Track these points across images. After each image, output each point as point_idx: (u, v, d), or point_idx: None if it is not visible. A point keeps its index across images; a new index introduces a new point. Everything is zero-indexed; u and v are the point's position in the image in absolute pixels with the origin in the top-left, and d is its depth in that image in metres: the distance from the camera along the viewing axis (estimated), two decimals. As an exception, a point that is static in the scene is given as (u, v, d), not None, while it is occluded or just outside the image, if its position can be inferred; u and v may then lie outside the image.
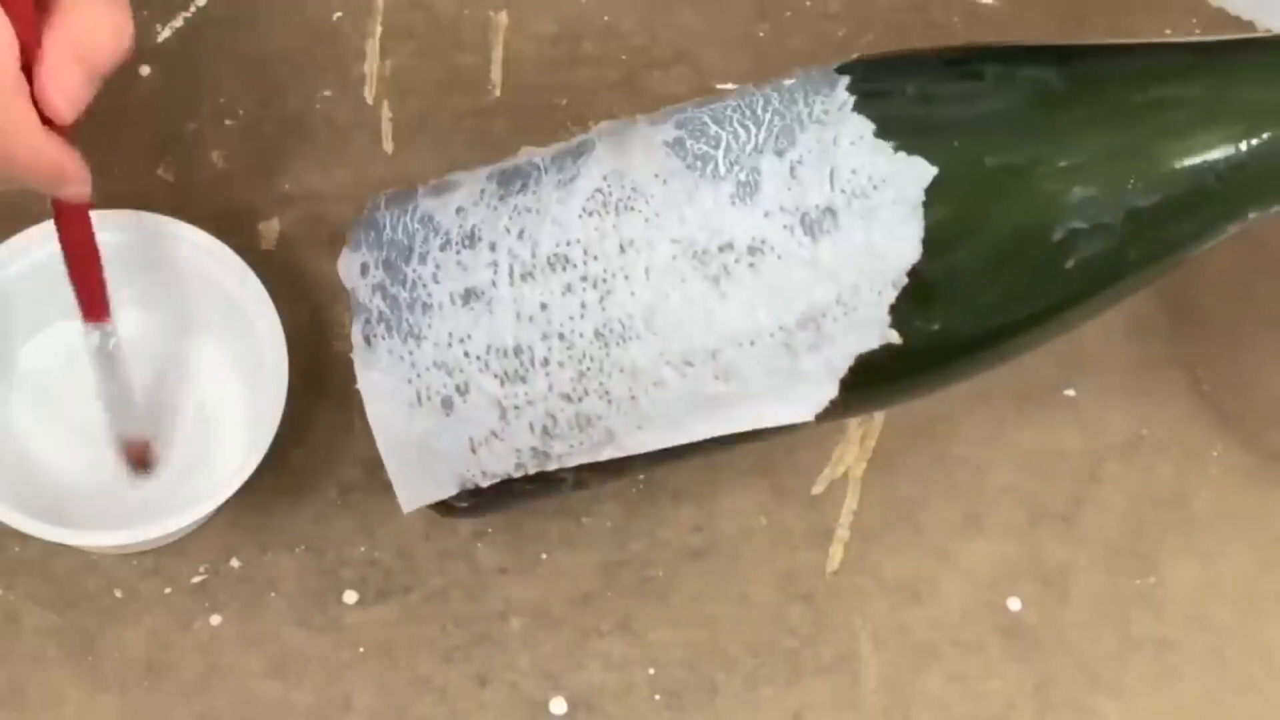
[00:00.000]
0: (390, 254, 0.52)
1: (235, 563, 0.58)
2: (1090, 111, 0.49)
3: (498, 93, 0.65)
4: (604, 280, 0.50)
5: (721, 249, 0.49)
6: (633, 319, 0.50)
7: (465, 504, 0.54)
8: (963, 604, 0.60)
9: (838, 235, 0.49)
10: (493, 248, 0.51)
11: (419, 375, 0.52)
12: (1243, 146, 0.48)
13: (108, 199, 0.60)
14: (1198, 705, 0.59)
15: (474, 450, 0.52)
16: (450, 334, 0.51)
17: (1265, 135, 0.48)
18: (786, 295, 0.49)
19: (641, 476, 0.60)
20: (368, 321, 0.52)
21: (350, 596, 0.58)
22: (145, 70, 0.64)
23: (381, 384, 0.52)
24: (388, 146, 0.64)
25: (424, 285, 0.51)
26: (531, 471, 0.52)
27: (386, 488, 0.59)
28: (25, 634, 0.57)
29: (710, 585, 0.59)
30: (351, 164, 0.63)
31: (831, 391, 0.50)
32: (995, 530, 0.61)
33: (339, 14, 0.65)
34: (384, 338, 0.52)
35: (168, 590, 0.57)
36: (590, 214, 0.50)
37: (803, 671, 0.58)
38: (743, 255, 0.49)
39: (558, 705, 0.57)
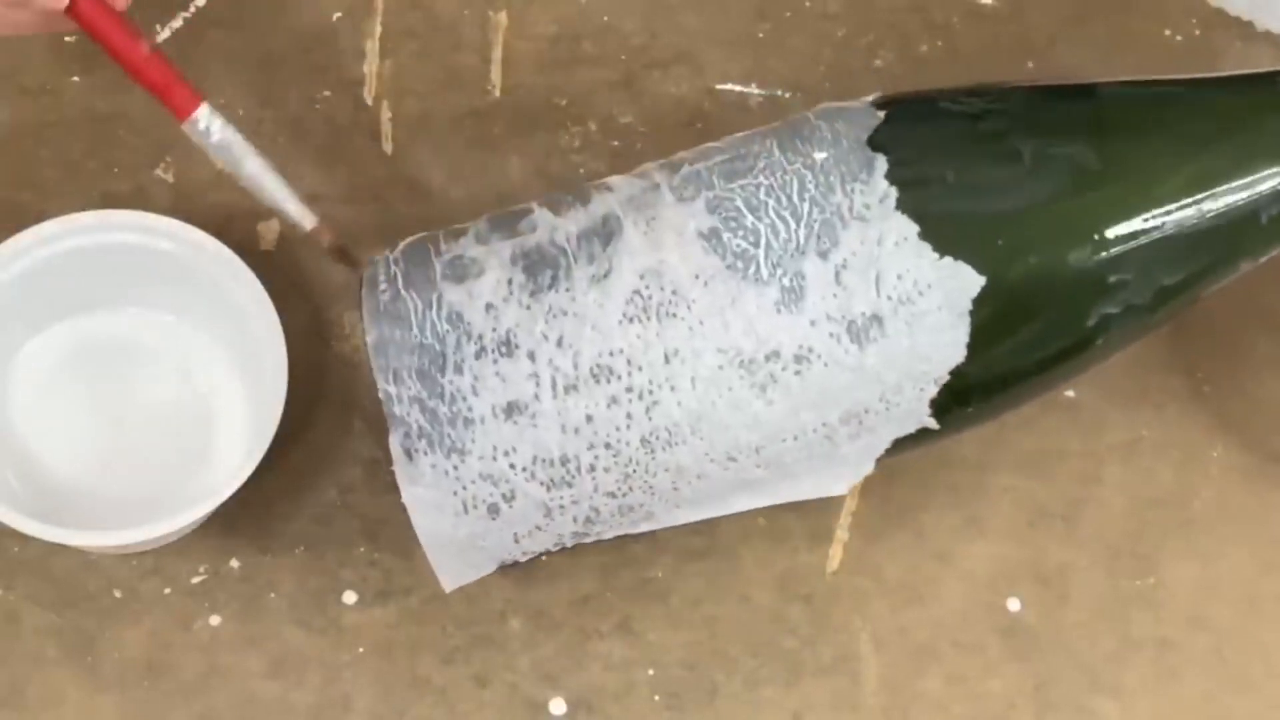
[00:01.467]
0: (423, 362, 0.51)
1: (235, 563, 0.58)
2: (1125, 193, 0.50)
3: (497, 93, 0.65)
4: (650, 391, 0.50)
5: (768, 358, 0.50)
6: (679, 426, 0.51)
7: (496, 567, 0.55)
8: (962, 605, 0.60)
9: (884, 342, 0.50)
10: (532, 357, 0.51)
11: (464, 488, 0.52)
12: (1263, 220, 0.50)
13: (108, 199, 0.60)
14: (1198, 705, 0.59)
15: (517, 541, 0.53)
16: (495, 447, 0.51)
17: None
18: (831, 397, 0.50)
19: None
20: (407, 435, 0.51)
21: (350, 597, 0.58)
22: (145, 70, 0.64)
23: (426, 498, 0.52)
24: (387, 147, 0.64)
25: (463, 399, 0.51)
26: (569, 545, 0.54)
27: (387, 488, 0.59)
28: (25, 634, 0.57)
29: (710, 586, 0.59)
30: (351, 164, 0.63)
31: (868, 469, 0.52)
32: (995, 531, 0.61)
33: (339, 14, 0.65)
34: (426, 453, 0.52)
35: (167, 590, 0.57)
36: (631, 320, 0.50)
37: (803, 672, 0.58)
38: (789, 364, 0.50)
39: (557, 706, 0.57)
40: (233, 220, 0.61)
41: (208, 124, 0.54)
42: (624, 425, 0.50)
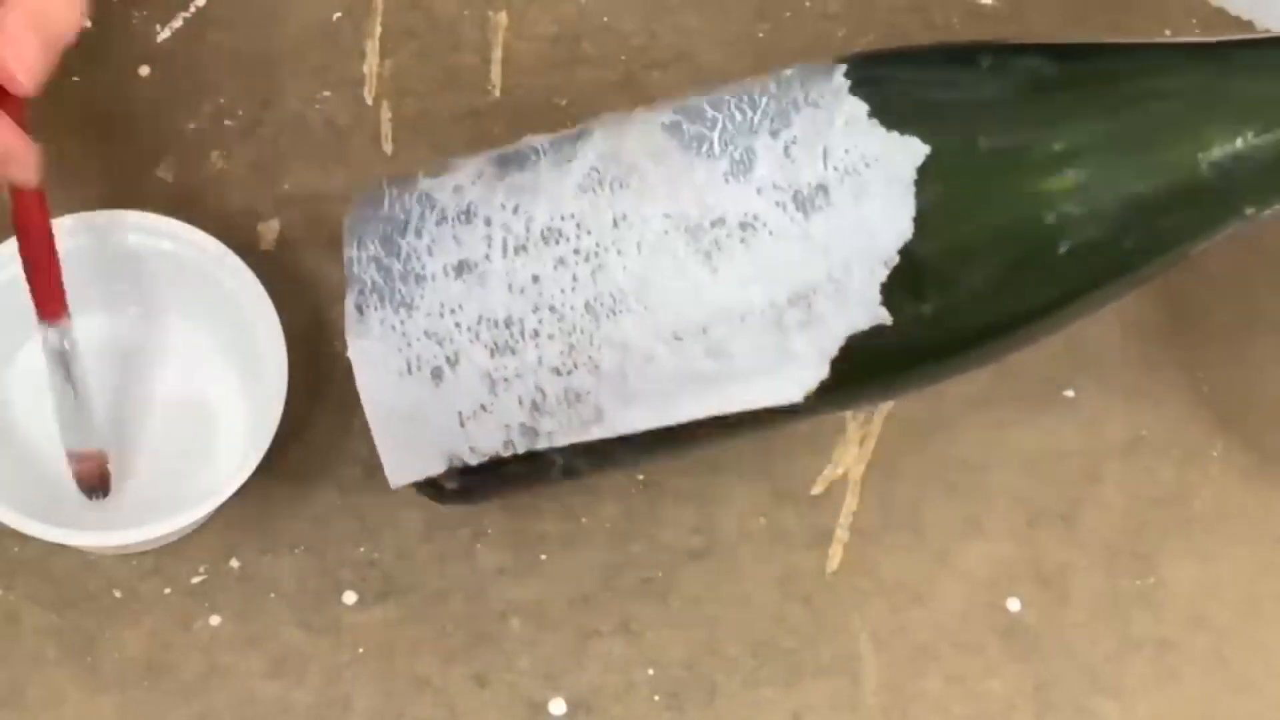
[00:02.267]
0: (387, 229, 0.53)
1: (235, 563, 0.58)
2: (1085, 98, 0.49)
3: (497, 93, 0.65)
4: (596, 254, 0.50)
5: (714, 224, 0.50)
6: (624, 292, 0.50)
7: (454, 484, 0.54)
8: (962, 605, 0.60)
9: (830, 211, 0.49)
10: (488, 222, 0.51)
11: (409, 345, 0.52)
12: (1239, 142, 0.48)
13: (108, 199, 0.60)
14: (1197, 705, 0.59)
15: (463, 424, 0.52)
16: (442, 304, 0.51)
17: (1261, 131, 0.48)
18: (778, 270, 0.50)
19: (641, 476, 0.60)
20: (361, 292, 0.52)
21: (350, 597, 0.58)
22: (145, 70, 0.64)
23: (372, 352, 0.52)
24: (387, 147, 0.64)
25: (418, 257, 0.52)
26: (520, 450, 0.52)
27: (387, 488, 0.59)
28: (25, 634, 0.57)
29: (710, 586, 0.59)
30: (351, 164, 0.63)
31: (821, 372, 0.50)
32: (995, 531, 0.61)
33: (339, 14, 0.65)
34: (376, 308, 0.52)
35: (167, 590, 0.57)
36: (585, 191, 0.51)
37: (802, 672, 0.58)
38: (734, 230, 0.50)
39: (557, 706, 0.57)
40: (233, 220, 0.61)
41: (60, 340, 0.54)
42: (569, 288, 0.50)
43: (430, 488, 0.54)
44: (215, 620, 0.57)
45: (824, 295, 0.49)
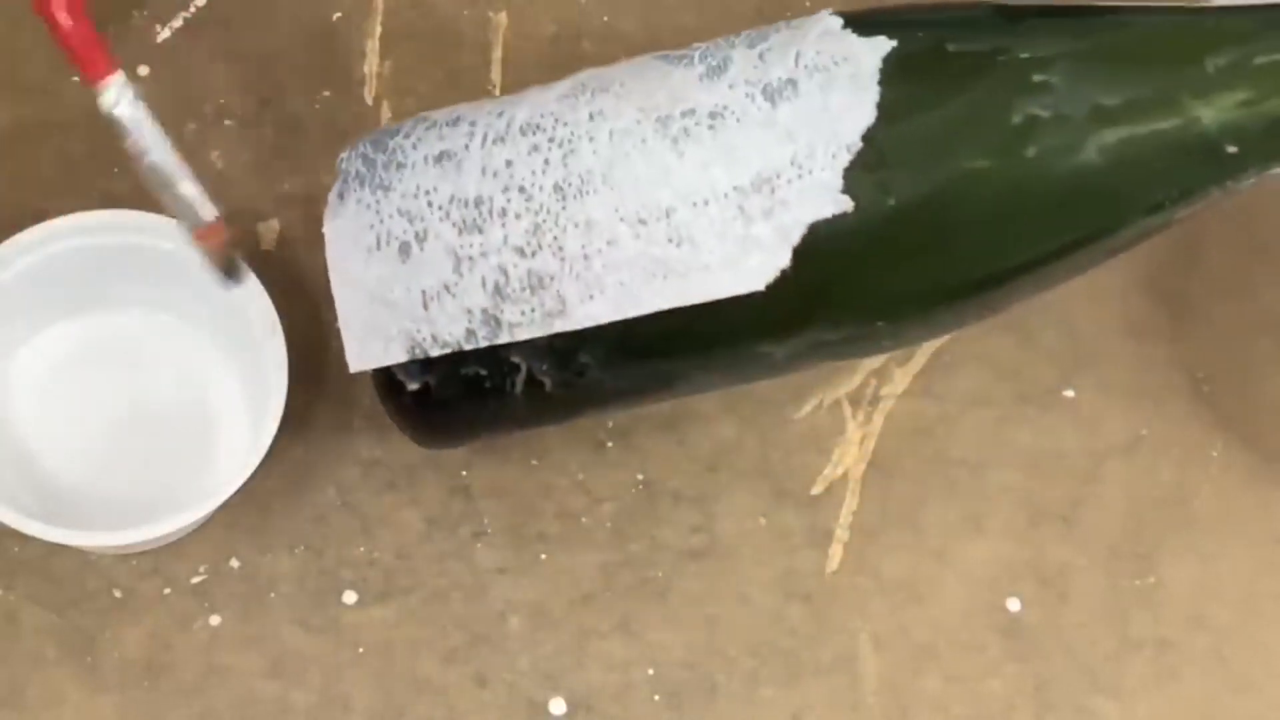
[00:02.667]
0: (380, 135, 0.55)
1: (235, 563, 0.58)
2: (1054, 22, 0.50)
3: (497, 93, 0.65)
4: (569, 141, 0.52)
5: (684, 114, 0.51)
6: (591, 174, 0.51)
7: (415, 384, 0.54)
8: (962, 604, 0.60)
9: (798, 102, 0.50)
10: (472, 124, 0.53)
11: (381, 221, 0.53)
12: (1209, 68, 0.48)
13: (108, 199, 0.60)
14: (1197, 705, 0.59)
15: (426, 305, 0.52)
16: (418, 186, 0.53)
17: (1229, 58, 0.48)
18: (742, 154, 0.50)
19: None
20: (344, 182, 0.54)
21: (350, 597, 0.58)
22: (145, 70, 0.64)
23: (344, 229, 0.53)
24: (388, 146, 0.64)
25: (402, 151, 0.53)
26: (482, 341, 0.52)
27: (386, 488, 0.59)
28: (25, 634, 0.57)
29: (710, 585, 0.59)
30: (351, 164, 0.63)
31: (783, 259, 0.50)
32: (995, 531, 0.61)
33: (339, 14, 0.65)
34: (355, 191, 0.54)
35: (167, 590, 0.57)
36: (567, 96, 0.53)
37: (802, 672, 0.58)
38: (703, 119, 0.51)
39: (557, 706, 0.57)
40: (233, 220, 0.61)
41: (119, 96, 0.51)
42: (540, 170, 0.51)
43: (391, 395, 0.54)
44: (215, 620, 0.57)
45: (787, 179, 0.50)
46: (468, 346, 0.52)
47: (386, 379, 0.54)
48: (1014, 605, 0.60)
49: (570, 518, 0.60)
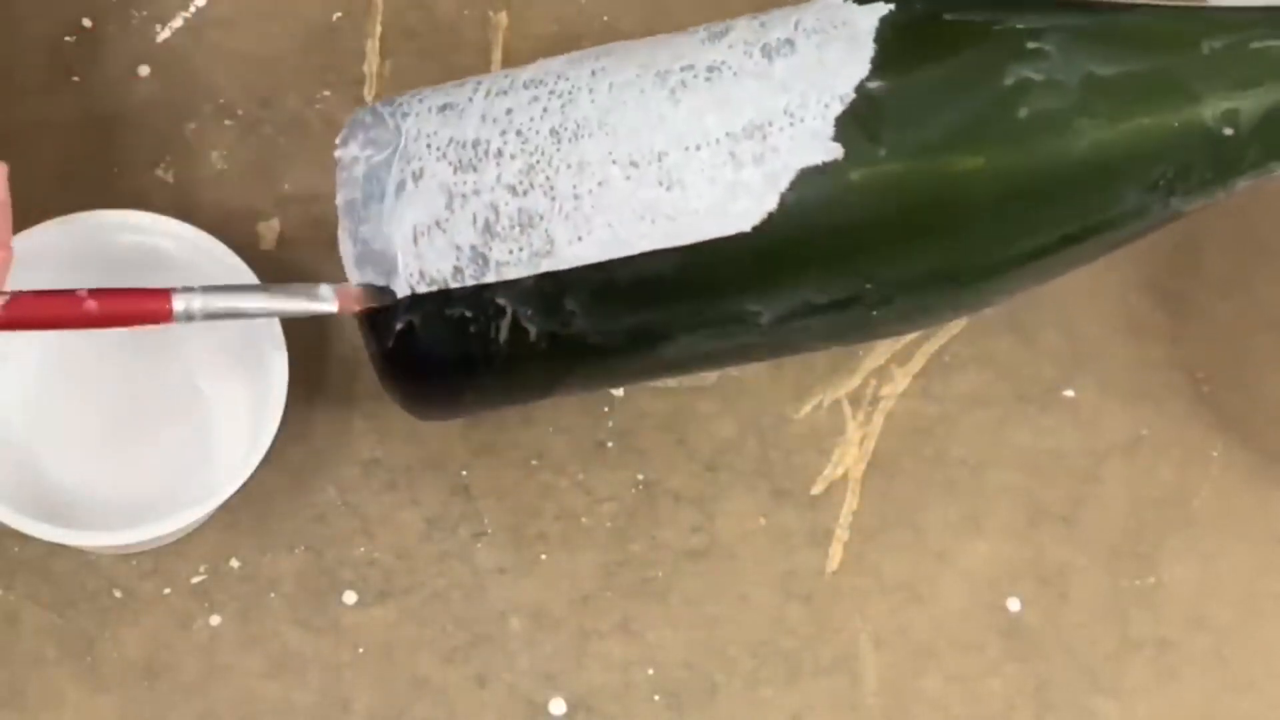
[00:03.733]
0: (391, 97, 0.56)
1: (235, 563, 0.58)
2: (1053, 3, 0.51)
3: (498, 93, 0.65)
4: (569, 93, 0.53)
5: (683, 69, 0.52)
6: (588, 120, 0.52)
7: (400, 324, 0.53)
8: (962, 604, 0.60)
9: (793, 58, 0.51)
10: (478, 81, 0.54)
11: (381, 159, 0.54)
12: (1205, 50, 0.49)
13: (108, 199, 0.60)
14: (1198, 705, 0.59)
15: (415, 240, 0.52)
16: (420, 130, 0.54)
17: (1223, 43, 0.49)
18: (736, 103, 0.51)
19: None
20: (350, 129, 0.55)
21: (350, 597, 0.58)
22: (145, 70, 0.64)
23: (343, 157, 0.54)
24: (388, 146, 0.64)
25: (408, 104, 0.55)
26: (469, 281, 0.52)
27: (386, 488, 0.59)
28: (25, 634, 0.57)
29: (710, 585, 0.59)
30: (351, 164, 0.63)
31: (771, 203, 0.50)
32: (994, 531, 0.61)
33: (339, 14, 0.65)
34: (360, 134, 0.54)
35: (167, 590, 0.57)
36: (573, 61, 0.54)
37: (802, 672, 0.58)
38: (701, 73, 0.52)
39: (557, 706, 0.57)
40: (232, 220, 0.61)
41: (186, 306, 0.51)
42: (538, 116, 0.52)
43: (376, 338, 0.53)
44: (215, 620, 0.57)
45: (779, 127, 0.50)
46: (454, 284, 0.52)
47: (372, 320, 0.53)
48: (1014, 605, 0.60)
49: (570, 518, 0.60)
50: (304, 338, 0.59)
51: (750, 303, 0.52)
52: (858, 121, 0.50)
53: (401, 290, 0.52)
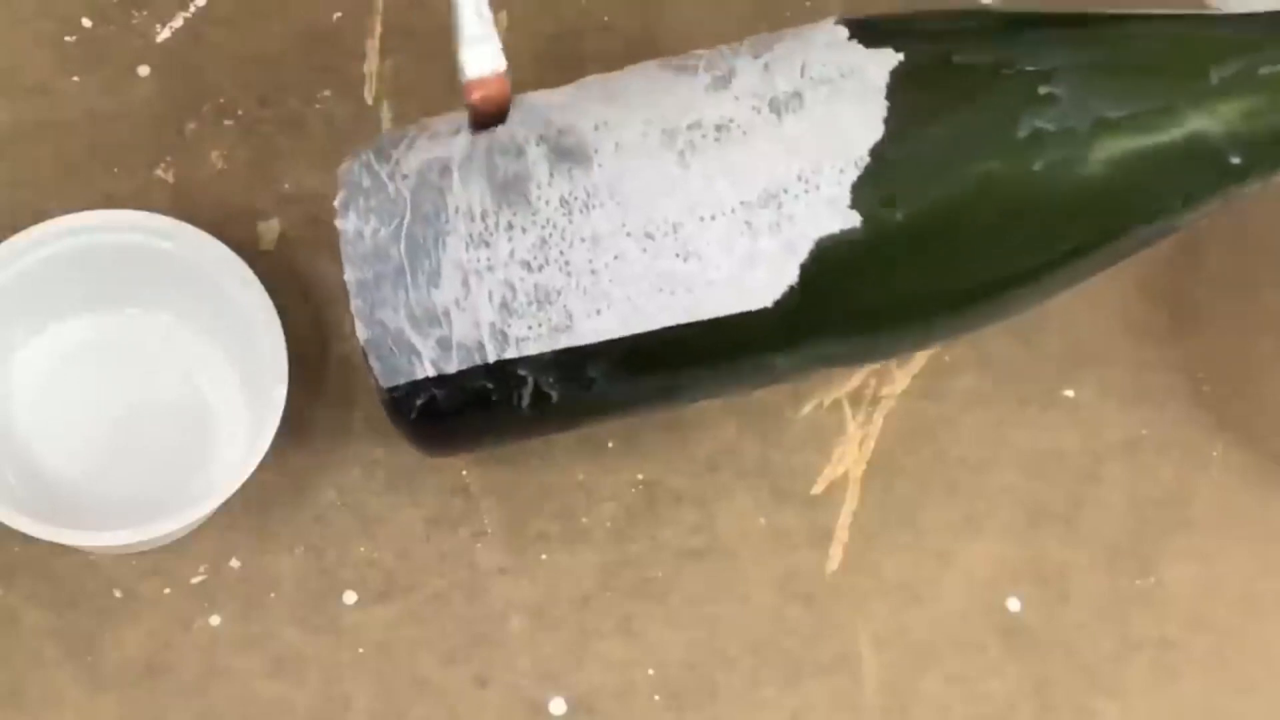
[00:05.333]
0: (381, 143, 0.54)
1: (235, 563, 0.58)
2: (1059, 33, 0.51)
3: (498, 93, 0.65)
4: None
5: (690, 127, 0.51)
6: (597, 187, 0.51)
7: (422, 398, 0.53)
8: (962, 604, 0.60)
9: (803, 113, 0.50)
10: (472, 132, 0.53)
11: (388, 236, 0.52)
12: (1213, 79, 0.49)
13: (108, 199, 0.60)
14: (1198, 705, 0.59)
15: (435, 323, 0.52)
16: (422, 198, 0.52)
17: (1234, 69, 0.49)
18: (749, 168, 0.50)
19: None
20: (349, 191, 0.53)
21: (350, 597, 0.58)
22: (145, 70, 0.64)
23: (347, 230, 0.52)
24: (388, 146, 0.64)
25: (403, 156, 0.53)
26: (490, 358, 0.52)
27: (386, 488, 0.59)
28: (25, 634, 0.57)
29: (710, 586, 0.59)
30: (351, 164, 0.63)
31: (790, 275, 0.50)
32: (995, 531, 0.61)
33: (339, 14, 0.65)
34: (362, 199, 0.52)
35: (167, 590, 0.57)
36: (570, 102, 0.52)
37: (803, 672, 0.58)
38: (709, 131, 0.51)
39: (557, 706, 0.57)
40: (232, 220, 0.61)
41: None
42: (545, 183, 0.51)
43: (396, 408, 0.53)
44: (215, 620, 0.57)
45: (794, 195, 0.50)
46: (476, 361, 0.52)
47: (393, 395, 0.53)
48: (1014, 605, 0.60)
49: (570, 518, 0.60)
50: (304, 338, 0.59)
51: (770, 359, 0.53)
52: (873, 185, 0.50)
53: (422, 372, 0.52)
